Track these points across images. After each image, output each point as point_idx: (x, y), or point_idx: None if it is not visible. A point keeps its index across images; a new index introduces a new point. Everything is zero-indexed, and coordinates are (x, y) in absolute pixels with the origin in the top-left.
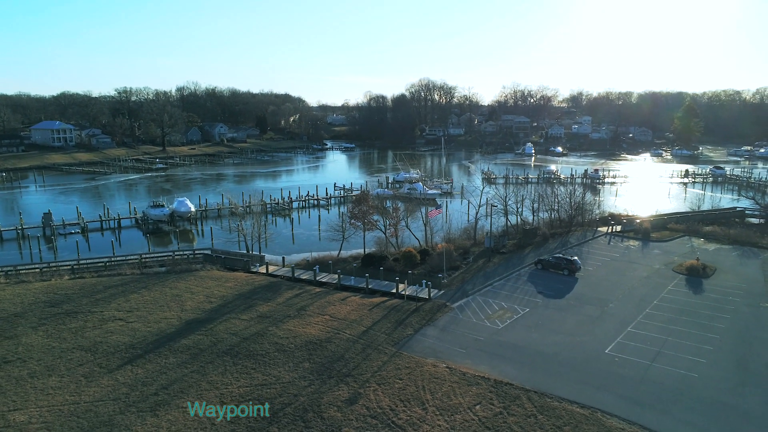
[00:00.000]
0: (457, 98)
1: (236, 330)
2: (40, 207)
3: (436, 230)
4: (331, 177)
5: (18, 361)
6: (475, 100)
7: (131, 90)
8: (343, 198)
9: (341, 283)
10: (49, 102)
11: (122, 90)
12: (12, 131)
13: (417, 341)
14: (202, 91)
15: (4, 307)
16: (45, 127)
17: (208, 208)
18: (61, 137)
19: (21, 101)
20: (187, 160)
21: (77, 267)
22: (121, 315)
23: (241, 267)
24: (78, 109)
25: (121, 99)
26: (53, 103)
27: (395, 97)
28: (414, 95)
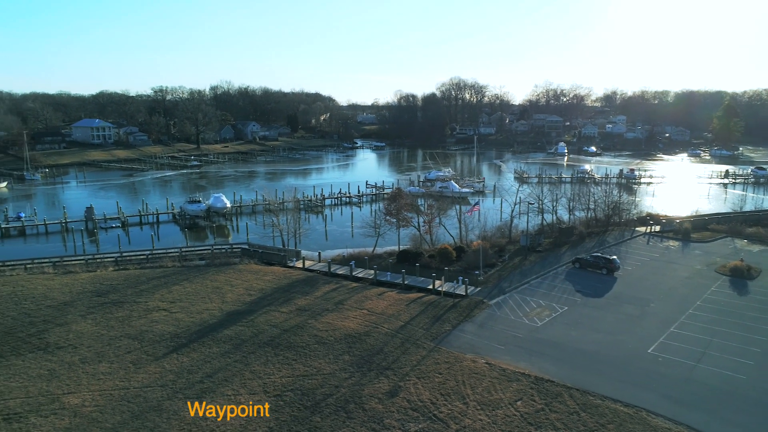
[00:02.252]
0: (488, 97)
1: (276, 322)
2: (81, 202)
3: (471, 228)
4: (362, 175)
5: (69, 348)
6: (506, 99)
7: (167, 89)
8: (375, 196)
9: (377, 279)
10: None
11: (158, 89)
12: (54, 129)
13: (455, 337)
14: (235, 90)
15: (54, 296)
16: (85, 124)
17: (242, 204)
18: (101, 135)
19: (62, 100)
20: (220, 157)
21: (120, 259)
22: (164, 305)
23: (278, 261)
24: (116, 108)
25: (156, 98)
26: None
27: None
28: (444, 94)
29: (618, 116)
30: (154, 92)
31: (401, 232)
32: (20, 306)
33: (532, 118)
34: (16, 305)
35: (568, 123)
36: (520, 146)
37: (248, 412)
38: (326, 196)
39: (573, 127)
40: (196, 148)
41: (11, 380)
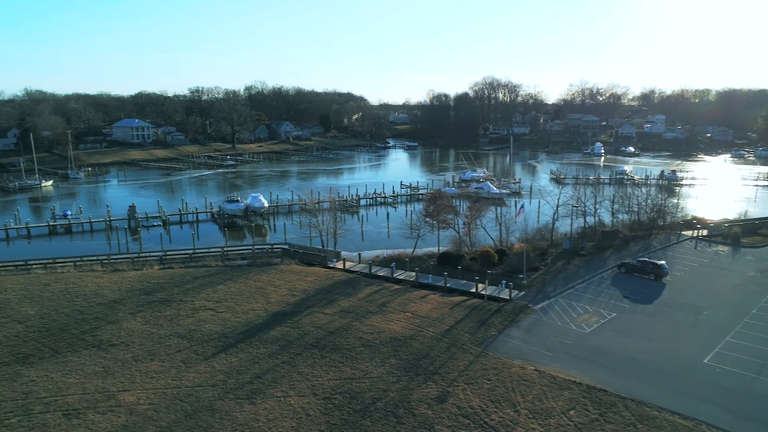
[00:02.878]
0: (521, 96)
1: (321, 324)
2: (123, 200)
3: (512, 230)
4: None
5: (122, 345)
6: (540, 98)
7: (203, 89)
8: (410, 196)
9: (418, 281)
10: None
11: (194, 89)
12: (95, 129)
13: (502, 342)
14: (269, 90)
15: (104, 293)
16: (125, 124)
17: (279, 204)
18: (140, 134)
19: (102, 100)
20: (255, 157)
21: (165, 258)
22: (210, 305)
23: (319, 262)
24: (154, 108)
25: (193, 98)
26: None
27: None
28: (477, 93)
29: (656, 115)
30: (190, 93)
31: (441, 233)
32: (73, 303)
33: (567, 118)
34: (69, 302)
35: (604, 122)
36: (555, 146)
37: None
38: (361, 196)
39: (609, 127)
40: (231, 148)
41: (68, 376)
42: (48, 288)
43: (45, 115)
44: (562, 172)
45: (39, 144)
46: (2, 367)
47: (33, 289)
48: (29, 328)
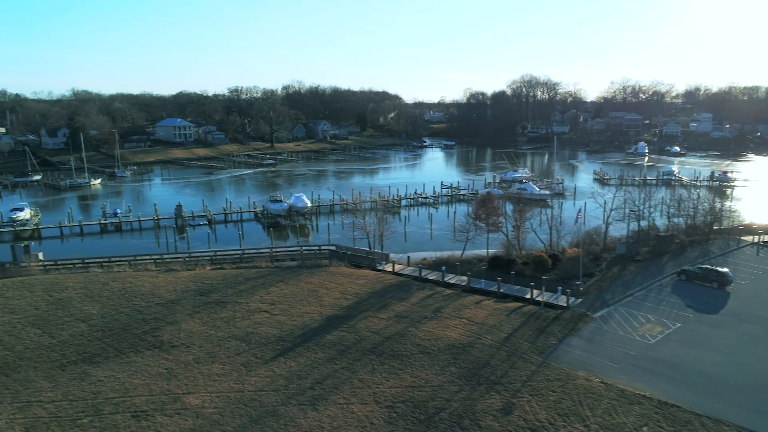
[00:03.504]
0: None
1: (377, 329)
2: (168, 199)
3: (563, 234)
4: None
5: (182, 347)
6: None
7: (242, 89)
8: (450, 197)
9: (471, 286)
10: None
11: (233, 89)
12: (139, 128)
13: (563, 351)
14: (306, 89)
15: (160, 293)
16: (168, 124)
17: (321, 204)
18: (182, 134)
19: (145, 100)
20: (294, 156)
21: (216, 258)
22: (265, 307)
23: (367, 264)
24: (195, 107)
25: (232, 97)
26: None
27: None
28: (515, 92)
29: (702, 114)
30: (230, 92)
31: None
32: (131, 303)
33: (608, 116)
34: (127, 302)
35: (647, 121)
36: (595, 145)
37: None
38: (402, 196)
39: (653, 126)
40: (270, 147)
41: (134, 377)
42: (107, 287)
43: (92, 115)
44: (605, 172)
45: (87, 143)
46: (70, 366)
47: (93, 288)
48: (92, 327)
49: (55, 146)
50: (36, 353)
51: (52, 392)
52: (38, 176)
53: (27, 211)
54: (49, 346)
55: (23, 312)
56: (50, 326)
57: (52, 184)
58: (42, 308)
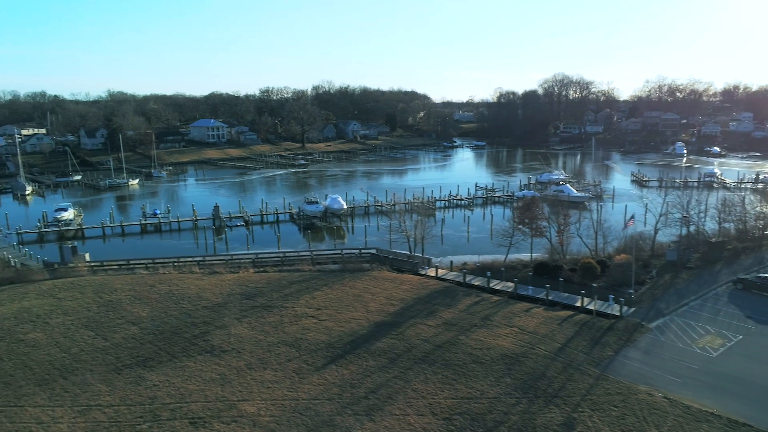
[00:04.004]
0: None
1: (426, 336)
2: (204, 200)
3: (609, 239)
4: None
5: (233, 352)
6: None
7: (273, 89)
8: (485, 199)
9: (517, 292)
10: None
11: (265, 89)
12: (174, 128)
13: (620, 364)
14: (335, 89)
15: (206, 296)
16: (202, 124)
17: (356, 206)
18: (215, 134)
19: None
20: (325, 156)
21: (258, 260)
22: (311, 312)
23: (409, 269)
24: (227, 108)
25: (263, 98)
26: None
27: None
28: (547, 91)
29: (742, 113)
30: (261, 93)
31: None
32: (179, 306)
33: (643, 116)
34: (175, 304)
35: (684, 121)
36: (631, 146)
37: None
38: (436, 198)
39: (690, 125)
40: (301, 147)
41: (188, 383)
42: (154, 289)
43: (129, 116)
44: (644, 174)
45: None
46: (125, 370)
47: (140, 290)
48: (144, 330)
49: (93, 147)
50: (91, 356)
51: (110, 396)
52: (78, 176)
53: (71, 211)
54: (104, 349)
55: (76, 314)
56: (103, 328)
57: (92, 184)
58: (93, 310)
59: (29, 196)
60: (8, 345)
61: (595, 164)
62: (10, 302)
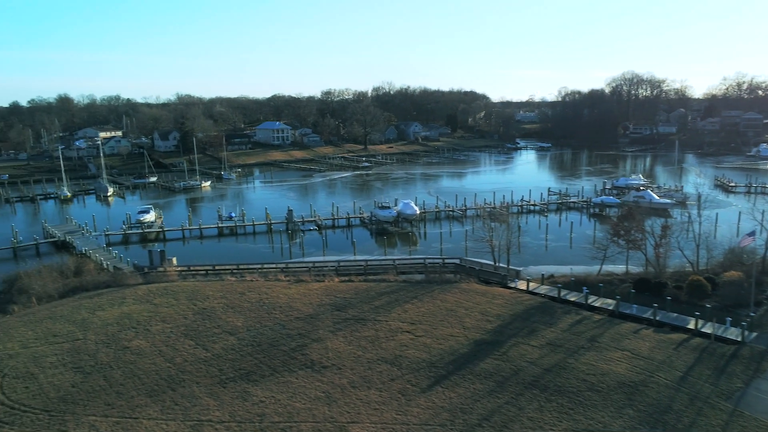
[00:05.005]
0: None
1: (532, 358)
2: (273, 202)
3: (715, 253)
4: (532, 179)
5: (334, 368)
6: (687, 94)
7: (334, 91)
8: (560, 204)
9: (619, 311)
10: (264, 103)
11: (326, 91)
12: (240, 130)
13: (753, 398)
14: (395, 90)
15: (297, 306)
16: (267, 127)
17: (427, 210)
18: (279, 136)
19: (242, 103)
20: (388, 158)
21: (341, 268)
22: (406, 327)
23: (498, 281)
24: (291, 110)
25: (324, 100)
26: (266, 104)
27: (592, 91)
28: (615, 90)
29: None
30: (322, 94)
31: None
32: (272, 315)
33: (721, 115)
34: (268, 314)
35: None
36: (709, 147)
37: None
38: (508, 203)
39: None
40: (363, 149)
41: (294, 400)
42: (244, 297)
43: (198, 119)
44: (729, 178)
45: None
46: (230, 383)
47: (232, 298)
48: (241, 341)
49: (166, 149)
50: (195, 367)
51: (218, 411)
52: (154, 178)
53: (152, 213)
54: (206, 360)
55: (174, 321)
56: (202, 338)
57: (167, 185)
58: (190, 318)
59: (111, 197)
60: (115, 352)
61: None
62: (111, 307)
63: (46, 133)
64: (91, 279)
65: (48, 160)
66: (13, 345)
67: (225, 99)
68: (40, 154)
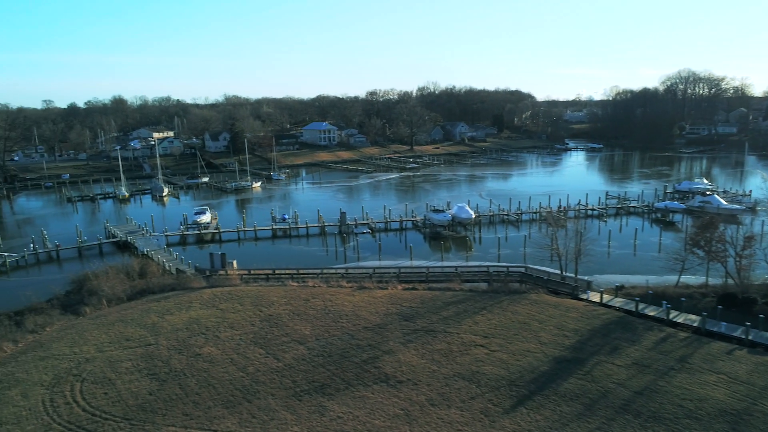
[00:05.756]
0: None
1: (619, 379)
2: (323, 204)
3: None
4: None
5: (409, 383)
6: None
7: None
8: (619, 209)
9: (706, 328)
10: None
11: (371, 92)
12: (288, 131)
13: None
14: (440, 90)
15: (363, 315)
16: (314, 127)
17: (480, 214)
18: (326, 137)
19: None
20: (436, 159)
21: (402, 275)
22: (478, 340)
23: (567, 292)
24: (336, 111)
25: (369, 100)
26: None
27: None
28: (670, 88)
29: None
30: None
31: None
32: (339, 324)
33: None
34: (335, 323)
35: None
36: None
37: None
38: (565, 207)
39: None
40: (409, 150)
41: (373, 417)
42: (309, 304)
43: (248, 120)
44: None
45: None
46: (305, 397)
47: (297, 305)
48: (311, 351)
49: (216, 149)
50: (268, 377)
51: (297, 426)
52: (206, 178)
53: (208, 214)
54: (278, 370)
55: (242, 328)
56: (271, 346)
57: (219, 186)
58: (257, 325)
59: (166, 197)
60: (188, 359)
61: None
62: (179, 311)
63: (103, 134)
64: (157, 282)
65: (106, 160)
66: (89, 348)
67: (271, 99)
68: (97, 154)
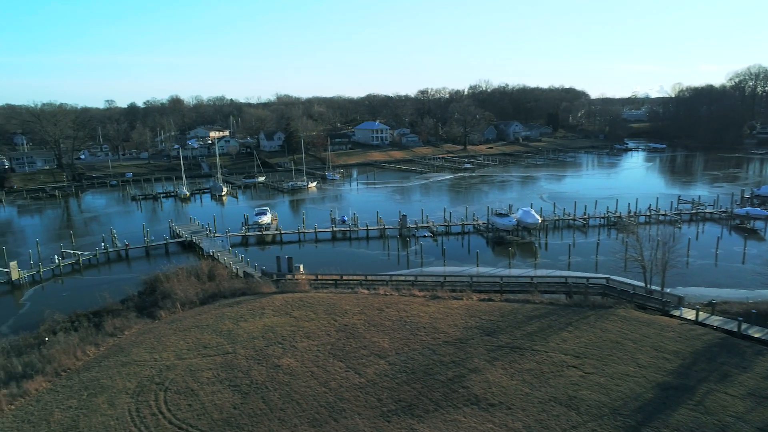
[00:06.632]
0: None
1: (737, 412)
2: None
3: None
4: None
5: (502, 406)
6: None
7: (430, 90)
8: (693, 214)
9: None
10: (359, 103)
11: (422, 90)
12: (341, 130)
13: None
14: (493, 88)
15: (441, 328)
16: (366, 127)
17: (545, 218)
18: (378, 136)
19: (338, 102)
20: (491, 159)
21: (474, 284)
22: (570, 360)
23: (656, 308)
24: (388, 110)
25: (420, 99)
26: (361, 104)
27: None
28: (738, 86)
29: None
30: (419, 93)
31: None
32: (418, 338)
33: None
34: (413, 335)
35: None
36: None
37: None
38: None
39: None
40: (463, 150)
41: None
42: (384, 315)
43: (301, 119)
44: None
45: (298, 146)
46: (394, 417)
47: (371, 315)
48: (393, 367)
49: (271, 149)
50: (352, 394)
51: None
52: (262, 177)
53: (269, 215)
54: (361, 387)
55: (318, 338)
56: (350, 359)
57: (276, 186)
58: (333, 335)
59: (224, 196)
60: (267, 370)
61: None
62: (252, 318)
63: (162, 133)
64: (228, 286)
65: (166, 159)
66: (168, 355)
67: (322, 99)
68: (158, 153)
